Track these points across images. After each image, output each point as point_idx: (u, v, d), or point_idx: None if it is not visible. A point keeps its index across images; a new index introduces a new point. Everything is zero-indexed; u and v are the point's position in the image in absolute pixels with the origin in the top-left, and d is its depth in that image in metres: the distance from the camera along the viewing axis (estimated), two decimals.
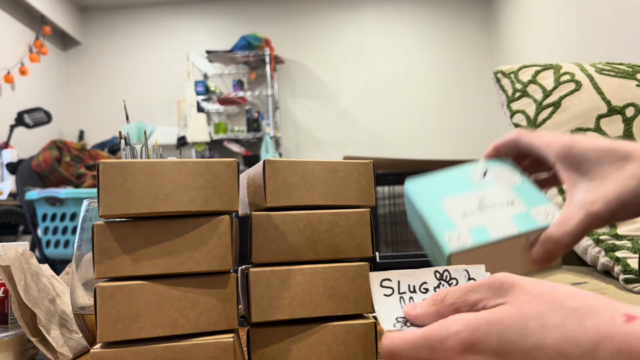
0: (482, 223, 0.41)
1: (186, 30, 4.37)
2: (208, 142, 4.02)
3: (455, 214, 0.42)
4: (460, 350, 0.28)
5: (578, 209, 0.38)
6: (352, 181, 0.48)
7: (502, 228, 0.40)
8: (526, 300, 0.28)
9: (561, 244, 0.38)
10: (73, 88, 4.39)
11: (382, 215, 3.73)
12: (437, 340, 0.29)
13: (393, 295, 0.34)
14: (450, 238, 0.40)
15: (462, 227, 0.41)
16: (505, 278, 0.29)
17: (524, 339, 0.26)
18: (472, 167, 0.47)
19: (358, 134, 4.18)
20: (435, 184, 0.46)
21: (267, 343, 0.44)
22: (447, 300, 0.31)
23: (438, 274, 0.35)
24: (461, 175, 0.47)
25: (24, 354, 0.56)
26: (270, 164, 0.45)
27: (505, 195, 0.43)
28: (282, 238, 0.45)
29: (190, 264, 0.41)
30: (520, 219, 0.41)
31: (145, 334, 0.40)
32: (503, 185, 0.44)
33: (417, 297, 0.34)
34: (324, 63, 4.28)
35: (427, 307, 0.32)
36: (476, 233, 0.40)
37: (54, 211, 1.95)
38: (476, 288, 0.30)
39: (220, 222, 0.42)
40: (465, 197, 0.44)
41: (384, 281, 0.35)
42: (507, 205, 0.42)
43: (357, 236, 0.47)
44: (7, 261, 0.54)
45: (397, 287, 0.35)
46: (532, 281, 0.29)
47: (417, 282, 0.35)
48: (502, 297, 0.29)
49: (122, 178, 0.40)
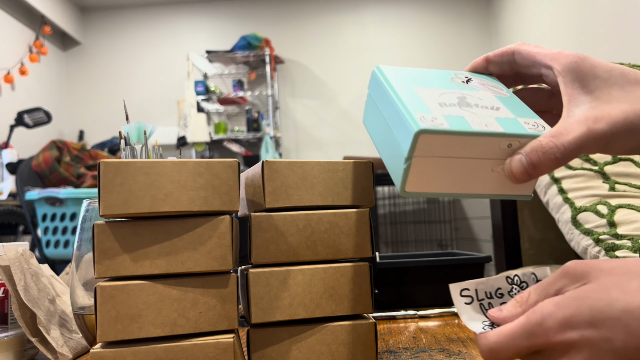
0: (462, 115, 0.36)
1: (186, 30, 4.37)
2: (208, 142, 4.02)
3: (431, 102, 0.37)
4: (558, 328, 0.30)
5: (578, 123, 0.35)
6: (352, 181, 0.48)
7: (484, 125, 0.36)
8: (604, 275, 0.30)
9: (550, 157, 0.35)
10: (73, 88, 4.39)
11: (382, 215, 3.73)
12: (535, 325, 0.30)
13: (473, 303, 0.36)
14: (424, 118, 0.35)
15: (438, 113, 0.36)
16: (577, 264, 0.31)
17: (611, 306, 0.28)
18: (453, 73, 0.43)
19: (358, 134, 4.18)
20: (411, 74, 0.42)
21: (267, 343, 0.44)
22: (531, 299, 0.32)
23: (509, 279, 0.37)
24: (441, 75, 0.42)
25: (23, 354, 0.55)
26: (269, 164, 0.45)
27: (490, 101, 0.39)
28: (281, 238, 0.45)
29: (190, 263, 0.41)
30: (506, 122, 0.36)
31: (145, 334, 0.40)
32: (487, 92, 0.40)
33: (494, 302, 0.37)
34: (324, 63, 4.28)
35: (512, 309, 0.33)
36: (454, 121, 0.35)
37: (53, 211, 1.95)
38: (553, 280, 0.32)
39: (221, 222, 0.42)
40: (444, 92, 0.39)
41: (463, 291, 0.37)
42: (491, 109, 0.38)
43: (357, 236, 0.47)
44: (7, 261, 0.54)
45: (475, 295, 0.37)
46: (602, 261, 0.31)
47: (493, 289, 0.37)
48: (580, 280, 0.31)
49: (122, 178, 0.40)
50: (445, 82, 0.41)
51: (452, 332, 0.61)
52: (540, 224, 1.04)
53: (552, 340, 0.30)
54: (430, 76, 0.42)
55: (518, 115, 0.38)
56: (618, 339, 0.28)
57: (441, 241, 3.57)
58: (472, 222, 3.53)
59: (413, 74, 0.42)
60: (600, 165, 0.82)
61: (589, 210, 0.76)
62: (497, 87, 0.42)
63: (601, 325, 0.29)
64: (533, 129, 0.36)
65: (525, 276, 0.37)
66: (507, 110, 0.38)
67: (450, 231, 3.58)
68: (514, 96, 0.41)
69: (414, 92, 0.39)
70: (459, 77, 0.43)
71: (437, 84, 0.41)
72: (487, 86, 0.41)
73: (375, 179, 3.18)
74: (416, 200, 3.79)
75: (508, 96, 0.40)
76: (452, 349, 0.52)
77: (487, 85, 0.42)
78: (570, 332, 0.29)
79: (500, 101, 0.39)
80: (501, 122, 0.36)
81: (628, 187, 0.78)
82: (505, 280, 0.37)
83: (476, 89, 0.41)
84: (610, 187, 0.79)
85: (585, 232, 0.75)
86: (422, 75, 0.42)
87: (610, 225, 0.72)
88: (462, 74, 0.43)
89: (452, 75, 0.43)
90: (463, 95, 0.39)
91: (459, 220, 3.66)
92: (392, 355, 0.51)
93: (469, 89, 0.40)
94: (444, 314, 0.71)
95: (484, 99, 0.39)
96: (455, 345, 0.54)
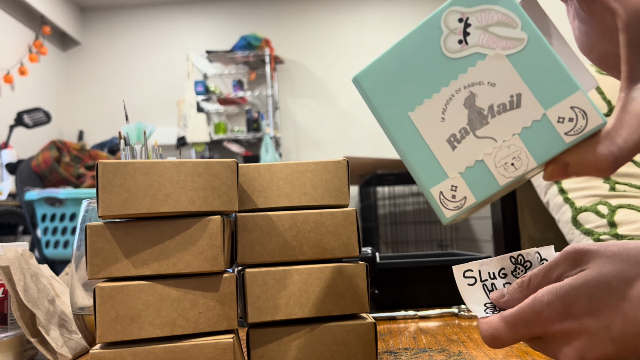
0: (480, 156, 0.30)
1: (186, 30, 4.37)
2: (208, 143, 4.02)
3: (438, 144, 0.31)
4: (557, 317, 0.30)
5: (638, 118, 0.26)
6: (322, 181, 0.48)
7: (511, 164, 0.29)
8: (603, 262, 0.30)
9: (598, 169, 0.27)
10: (73, 88, 4.38)
11: (382, 215, 3.73)
12: (534, 314, 0.31)
13: (476, 284, 0.36)
14: (444, 199, 0.31)
15: (454, 171, 0.30)
16: (578, 248, 0.31)
17: (610, 295, 0.29)
18: (442, 22, 0.32)
19: (358, 134, 4.18)
20: (395, 77, 0.33)
21: (267, 343, 0.44)
22: (532, 284, 0.33)
23: (513, 259, 0.37)
24: (428, 46, 0.32)
25: (23, 355, 0.55)
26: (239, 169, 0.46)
27: (506, 83, 0.29)
28: (267, 238, 0.45)
29: (182, 265, 0.41)
30: (535, 136, 0.28)
31: (144, 335, 0.40)
32: (496, 63, 0.30)
33: (497, 282, 0.36)
34: (324, 63, 4.28)
35: (514, 293, 0.34)
36: (476, 182, 0.30)
37: (53, 211, 1.94)
38: (554, 265, 0.32)
39: (211, 222, 0.42)
40: (444, 100, 0.31)
41: (467, 272, 0.37)
42: (510, 107, 0.29)
43: (343, 235, 0.47)
44: (7, 262, 0.54)
45: (478, 276, 0.37)
46: (602, 244, 0.31)
47: (496, 269, 0.37)
48: (580, 265, 0.31)
49: (122, 178, 0.40)
50: (437, 64, 0.31)
51: (452, 333, 0.61)
52: (540, 224, 1.04)
53: (551, 329, 0.30)
54: (418, 64, 0.32)
55: (549, 101, 0.28)
56: (616, 326, 0.28)
57: (441, 241, 3.57)
58: (472, 222, 3.53)
59: (400, 76, 0.33)
60: None
61: (589, 210, 0.76)
62: (508, 26, 0.30)
63: (599, 314, 0.29)
64: (571, 130, 0.27)
65: (530, 255, 0.37)
66: (531, 96, 0.28)
67: (450, 231, 3.58)
68: (537, 37, 0.29)
69: (416, 132, 0.31)
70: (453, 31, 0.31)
71: (431, 81, 0.32)
72: (494, 34, 0.30)
73: (376, 179, 3.18)
74: (416, 201, 3.79)
75: (524, 45, 0.29)
76: (452, 350, 0.52)
77: (492, 31, 0.30)
78: (569, 321, 0.30)
79: (518, 73, 0.29)
80: (529, 141, 0.29)
81: (628, 187, 0.78)
82: (509, 259, 0.37)
83: (481, 57, 0.30)
84: (610, 187, 0.78)
85: (586, 232, 0.75)
86: (408, 70, 0.33)
87: (610, 226, 0.72)
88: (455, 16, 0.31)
89: (443, 37, 0.31)
90: (469, 96, 0.30)
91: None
92: (392, 355, 0.51)
93: (472, 69, 0.30)
94: (444, 315, 0.71)
95: (497, 83, 0.30)
96: (455, 346, 0.54)
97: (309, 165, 0.48)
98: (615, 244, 0.31)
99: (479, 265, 0.37)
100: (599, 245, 0.31)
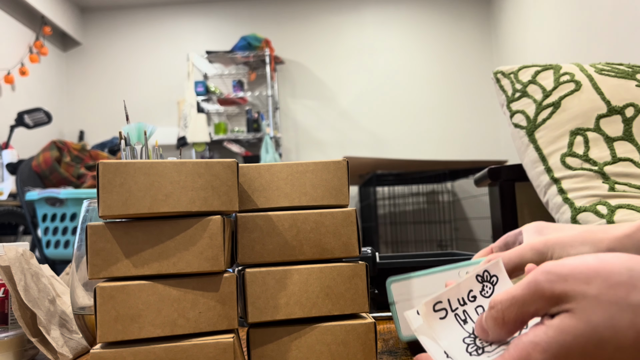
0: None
1: (186, 30, 4.37)
2: (208, 143, 4.02)
3: None
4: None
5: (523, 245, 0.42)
6: (322, 181, 0.48)
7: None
8: (590, 306, 0.28)
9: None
10: (73, 88, 4.39)
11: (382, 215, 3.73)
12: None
13: (448, 316, 0.35)
14: None
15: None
16: (553, 282, 0.29)
17: (604, 348, 0.27)
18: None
19: (358, 134, 4.18)
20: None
21: (267, 343, 0.44)
22: (507, 319, 0.31)
23: (480, 278, 0.35)
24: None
25: (24, 355, 0.56)
26: (240, 169, 0.46)
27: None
28: (267, 238, 0.46)
29: (182, 264, 0.41)
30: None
31: (145, 334, 0.40)
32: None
33: (469, 308, 0.35)
34: (324, 63, 4.28)
35: (496, 330, 0.32)
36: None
37: (54, 211, 1.95)
38: (528, 300, 0.30)
39: (212, 222, 0.42)
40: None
41: (437, 304, 0.35)
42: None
43: (343, 235, 0.47)
44: (7, 261, 0.54)
45: (448, 306, 0.35)
46: (577, 265, 0.29)
47: (465, 293, 0.35)
48: (559, 304, 0.29)
49: (122, 179, 0.41)
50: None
51: None
52: None
53: None
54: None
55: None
56: None
57: (441, 241, 3.57)
58: (472, 222, 3.53)
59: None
60: (600, 165, 0.82)
61: (588, 210, 0.76)
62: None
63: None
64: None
65: (495, 269, 0.35)
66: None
67: (450, 231, 3.58)
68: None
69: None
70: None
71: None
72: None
73: (375, 179, 3.18)
74: (416, 201, 3.79)
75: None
76: None
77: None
78: None
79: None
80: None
81: (628, 187, 0.78)
82: (475, 279, 0.35)
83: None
84: (610, 187, 0.78)
85: None
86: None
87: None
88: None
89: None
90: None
91: (459, 220, 3.66)
92: (392, 355, 0.51)
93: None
94: None
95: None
96: None
97: (309, 165, 0.48)
98: (592, 265, 0.29)
99: (447, 295, 0.35)
100: (576, 271, 0.29)
